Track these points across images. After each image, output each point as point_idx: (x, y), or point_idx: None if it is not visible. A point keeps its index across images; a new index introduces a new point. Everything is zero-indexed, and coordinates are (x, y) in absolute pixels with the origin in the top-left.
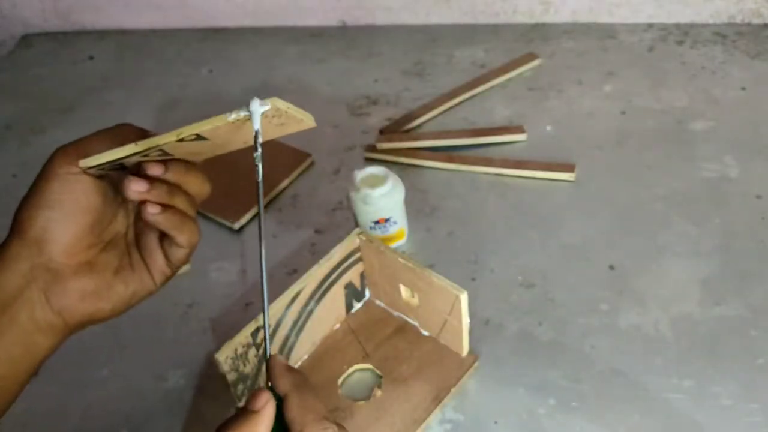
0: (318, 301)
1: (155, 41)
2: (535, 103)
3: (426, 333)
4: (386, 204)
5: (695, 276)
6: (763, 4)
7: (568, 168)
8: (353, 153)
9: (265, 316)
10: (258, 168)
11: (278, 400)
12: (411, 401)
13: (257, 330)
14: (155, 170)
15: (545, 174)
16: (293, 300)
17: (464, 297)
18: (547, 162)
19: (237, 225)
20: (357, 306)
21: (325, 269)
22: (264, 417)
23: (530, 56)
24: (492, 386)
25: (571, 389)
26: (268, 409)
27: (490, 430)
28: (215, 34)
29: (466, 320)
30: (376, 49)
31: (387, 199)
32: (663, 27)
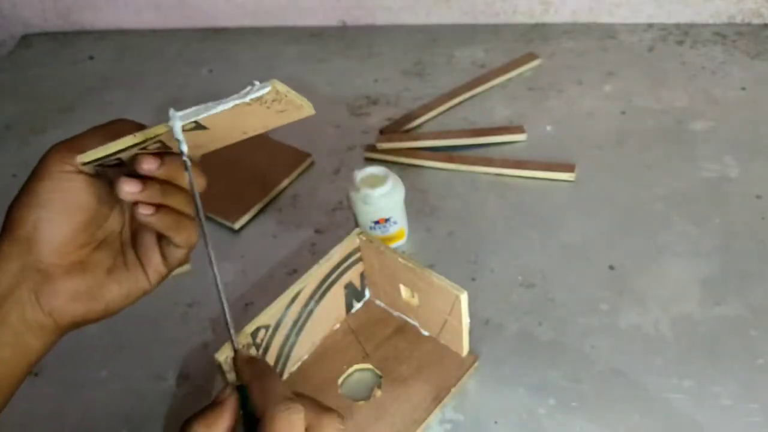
0: (318, 301)
1: (155, 41)
2: (535, 103)
3: (426, 333)
4: (386, 204)
5: (695, 276)
6: (763, 4)
7: (568, 168)
8: (353, 153)
9: (227, 315)
10: (189, 175)
11: (244, 391)
12: (411, 401)
13: (257, 330)
14: (149, 164)
15: (545, 174)
16: (293, 300)
17: (464, 297)
18: (547, 162)
19: (237, 225)
20: (357, 306)
21: (325, 269)
22: (227, 407)
23: (530, 56)
24: (492, 386)
25: (571, 389)
26: (231, 400)
27: (490, 430)
28: (215, 34)
29: (466, 320)
30: (376, 49)
31: (387, 199)
32: (663, 27)
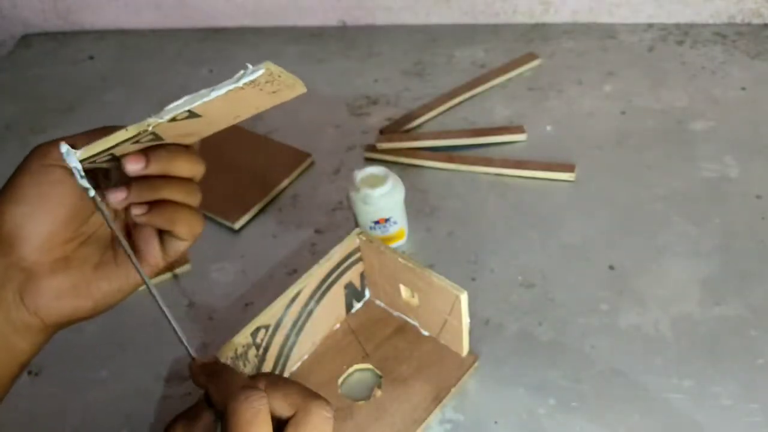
0: (318, 301)
1: (155, 41)
2: (535, 103)
3: (426, 333)
4: (386, 204)
5: (695, 276)
6: (763, 4)
7: (568, 168)
8: (353, 153)
9: (173, 324)
10: (102, 212)
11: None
12: (411, 401)
13: (257, 330)
14: (133, 165)
15: (545, 174)
16: (293, 300)
17: (464, 297)
18: (547, 162)
19: (237, 225)
20: (357, 306)
21: (325, 269)
22: (203, 404)
23: (530, 56)
24: (492, 386)
25: (571, 389)
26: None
27: (490, 430)
28: (215, 34)
29: (466, 320)
30: (376, 49)
31: (387, 199)
32: (663, 27)
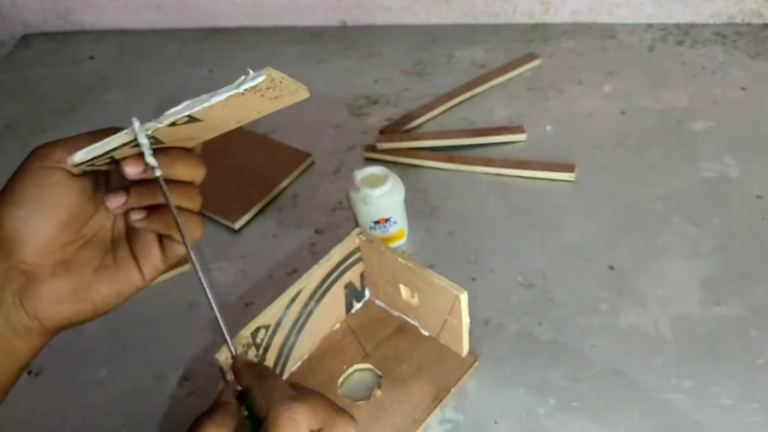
0: (318, 301)
1: (155, 41)
2: (535, 103)
3: (426, 333)
4: (386, 204)
5: (695, 276)
6: (763, 4)
7: (568, 168)
8: (353, 153)
9: (220, 322)
10: (160, 182)
11: (244, 395)
12: (411, 401)
13: (257, 330)
14: (132, 168)
15: (545, 174)
16: (293, 300)
17: (464, 297)
18: (547, 162)
19: (237, 225)
20: (357, 306)
21: (325, 269)
22: (233, 407)
23: (530, 56)
24: (492, 386)
25: (571, 389)
26: (234, 401)
27: (490, 430)
28: (215, 34)
29: (466, 320)
30: (376, 49)
31: (387, 199)
32: (663, 27)
